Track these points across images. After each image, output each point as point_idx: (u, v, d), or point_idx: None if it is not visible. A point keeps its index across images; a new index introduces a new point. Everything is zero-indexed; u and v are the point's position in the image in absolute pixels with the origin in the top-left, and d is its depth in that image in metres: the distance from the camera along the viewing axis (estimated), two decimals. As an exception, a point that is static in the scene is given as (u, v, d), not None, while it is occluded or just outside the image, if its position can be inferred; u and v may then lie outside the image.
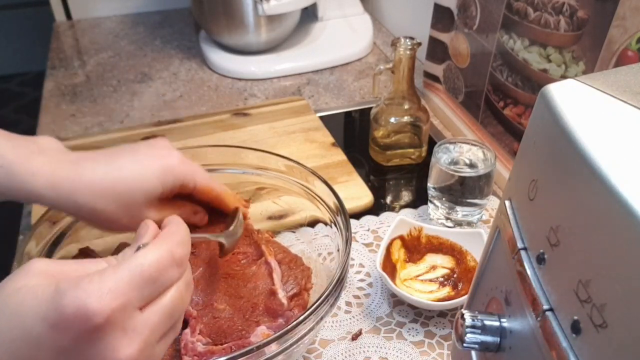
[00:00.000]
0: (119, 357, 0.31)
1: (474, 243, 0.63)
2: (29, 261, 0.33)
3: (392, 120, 0.79)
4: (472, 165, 0.69)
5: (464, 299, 0.56)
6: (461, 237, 0.64)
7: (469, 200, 0.68)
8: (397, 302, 0.62)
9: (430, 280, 0.62)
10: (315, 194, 0.62)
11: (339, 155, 0.83)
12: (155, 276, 0.33)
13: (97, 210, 0.45)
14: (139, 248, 0.35)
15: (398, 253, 0.64)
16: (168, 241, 0.36)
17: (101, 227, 0.49)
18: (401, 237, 0.64)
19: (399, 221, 0.64)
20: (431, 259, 0.64)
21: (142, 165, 0.47)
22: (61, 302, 0.29)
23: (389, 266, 0.62)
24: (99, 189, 0.45)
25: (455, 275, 0.63)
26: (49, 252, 0.56)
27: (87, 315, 0.29)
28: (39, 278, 0.31)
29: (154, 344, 0.33)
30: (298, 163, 0.63)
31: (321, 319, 0.48)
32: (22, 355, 0.29)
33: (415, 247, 0.65)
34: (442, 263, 0.64)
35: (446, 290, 0.61)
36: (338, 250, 0.57)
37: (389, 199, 0.78)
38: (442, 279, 0.62)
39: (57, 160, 0.45)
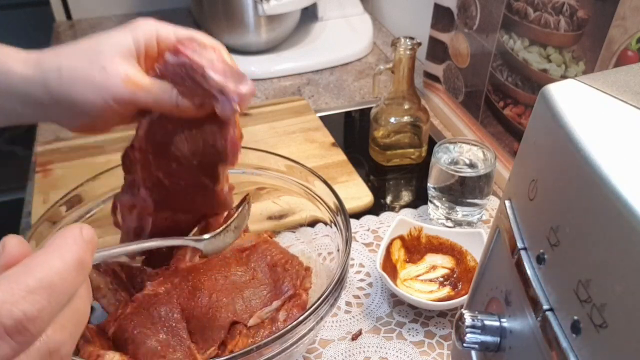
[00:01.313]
0: None
1: (474, 243, 0.63)
2: None
3: (392, 120, 0.79)
4: (472, 165, 0.69)
5: (464, 299, 0.56)
6: (461, 237, 0.64)
7: (469, 200, 0.68)
8: (397, 302, 0.62)
9: (430, 280, 0.62)
10: (315, 194, 0.62)
11: (339, 155, 0.83)
12: None
13: (69, 77, 0.42)
14: None
15: (398, 253, 0.64)
16: (5, 288, 0.24)
17: (78, 102, 0.43)
18: (401, 237, 0.64)
19: (399, 221, 0.64)
20: (431, 259, 0.64)
21: (112, 32, 0.44)
22: None
23: (389, 266, 0.62)
24: (67, 52, 0.43)
25: (455, 275, 0.63)
26: (49, 252, 0.56)
27: None
28: None
29: None
30: (298, 163, 0.63)
31: (321, 319, 0.48)
32: None
33: (415, 247, 0.65)
34: (442, 263, 0.64)
35: (446, 290, 0.61)
36: (338, 250, 0.57)
37: (389, 199, 0.78)
38: (442, 279, 0.62)
39: (28, 52, 0.44)
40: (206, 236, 0.50)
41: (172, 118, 0.47)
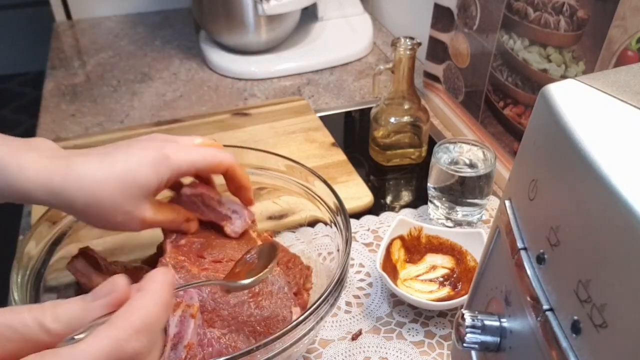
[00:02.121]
0: None
1: (474, 243, 0.63)
2: None
3: (392, 120, 0.79)
4: (472, 165, 0.69)
5: (464, 299, 0.56)
6: (461, 237, 0.64)
7: (469, 200, 0.68)
8: (397, 302, 0.62)
9: (430, 280, 0.62)
10: (315, 194, 0.62)
11: (339, 155, 0.83)
12: None
13: (89, 206, 0.43)
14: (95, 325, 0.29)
15: (398, 253, 0.64)
16: (120, 328, 0.28)
17: (96, 224, 0.47)
18: (401, 237, 0.64)
19: (398, 221, 0.64)
20: (431, 259, 0.64)
21: (135, 159, 0.46)
22: None
23: (389, 266, 0.62)
24: (90, 183, 0.43)
25: (455, 275, 0.63)
26: (49, 252, 0.56)
27: None
28: None
29: None
30: (298, 163, 0.63)
31: (321, 319, 0.48)
32: None
33: (415, 247, 0.65)
34: (442, 263, 0.64)
35: (446, 290, 0.61)
36: (338, 250, 0.57)
37: (389, 199, 0.78)
38: (442, 279, 0.62)
39: (48, 156, 0.44)
40: (246, 281, 0.49)
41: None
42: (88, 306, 0.30)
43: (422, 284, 0.62)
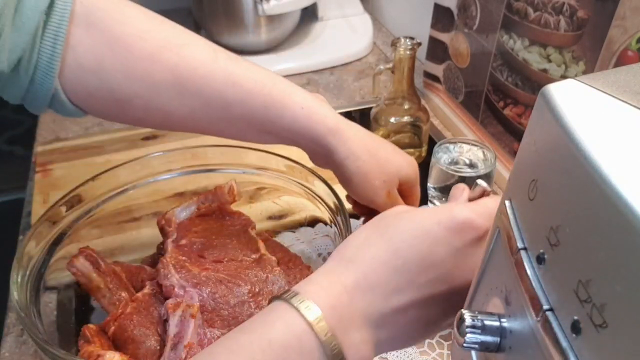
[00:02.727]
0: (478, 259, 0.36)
1: None
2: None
3: (392, 120, 0.79)
4: (472, 165, 0.69)
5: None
6: None
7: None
8: (397, 302, 0.62)
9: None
10: (315, 194, 0.62)
11: (339, 155, 0.82)
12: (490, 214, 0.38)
13: (364, 164, 0.52)
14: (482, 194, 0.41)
15: None
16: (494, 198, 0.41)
17: (357, 181, 0.54)
18: None
19: None
20: None
21: (396, 152, 0.56)
22: (453, 213, 0.37)
23: None
24: (366, 144, 0.53)
25: None
26: (49, 252, 0.56)
27: (475, 225, 0.37)
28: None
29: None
30: (298, 163, 0.63)
31: (321, 319, 0.48)
32: (423, 250, 0.36)
33: None
34: None
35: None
36: (338, 250, 0.57)
37: (389, 199, 0.78)
38: None
39: (336, 114, 0.53)
40: None
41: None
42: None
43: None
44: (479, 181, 0.43)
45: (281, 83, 0.51)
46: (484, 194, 0.41)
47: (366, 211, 0.60)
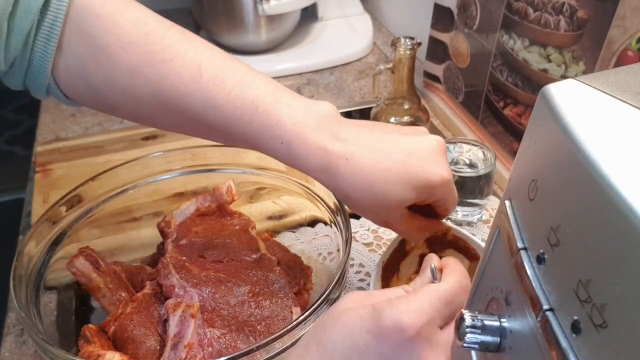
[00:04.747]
0: None
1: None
2: (348, 293, 0.41)
3: (392, 120, 0.79)
4: (472, 165, 0.69)
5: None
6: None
7: (469, 200, 0.68)
8: (397, 302, 0.62)
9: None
10: (315, 194, 0.62)
11: (339, 155, 0.82)
12: (450, 300, 0.39)
13: (360, 202, 0.47)
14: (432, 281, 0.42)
15: (414, 251, 0.61)
16: (455, 274, 0.41)
17: (364, 215, 0.50)
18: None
19: None
20: (451, 255, 0.61)
21: (403, 180, 0.46)
22: (380, 317, 0.36)
23: (397, 259, 0.59)
24: (361, 186, 0.46)
25: None
26: (49, 252, 0.56)
27: (401, 328, 0.36)
28: (356, 303, 0.39)
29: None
30: (298, 163, 0.62)
31: (321, 319, 0.48)
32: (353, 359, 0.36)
33: (440, 239, 0.61)
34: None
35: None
36: (338, 250, 0.57)
37: (389, 199, 0.78)
38: None
39: (335, 139, 0.46)
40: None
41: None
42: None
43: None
44: (432, 266, 0.43)
45: (264, 110, 0.45)
46: (433, 278, 0.42)
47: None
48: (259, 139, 0.46)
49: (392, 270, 0.60)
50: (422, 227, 0.51)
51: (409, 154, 0.47)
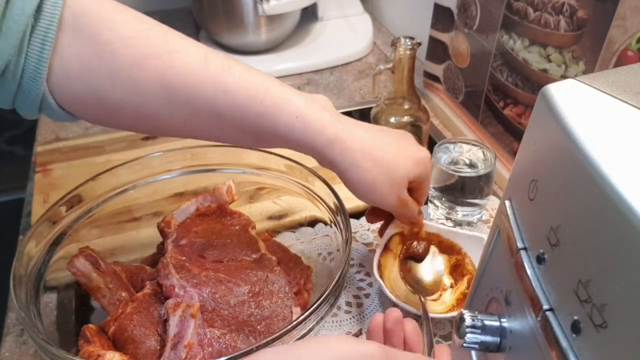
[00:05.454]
0: None
1: (475, 247, 0.61)
2: (371, 346, 0.34)
3: (392, 120, 0.79)
4: (472, 165, 0.69)
5: (454, 314, 0.56)
6: (462, 238, 0.63)
7: (469, 200, 0.68)
8: (397, 302, 0.62)
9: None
10: (315, 194, 0.62)
11: (339, 155, 0.82)
12: None
13: (367, 171, 0.51)
14: None
15: (396, 249, 0.63)
16: None
17: (364, 191, 0.53)
18: (401, 234, 0.64)
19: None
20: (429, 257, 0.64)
21: (405, 154, 0.53)
22: None
23: (388, 265, 0.62)
24: (369, 152, 0.51)
25: (451, 275, 0.62)
26: (49, 252, 0.56)
27: None
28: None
29: None
30: (298, 163, 0.63)
31: (321, 319, 0.48)
32: None
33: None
34: (440, 261, 0.63)
35: (439, 292, 0.61)
36: (338, 250, 0.57)
37: (389, 199, 0.78)
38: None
39: (337, 120, 0.50)
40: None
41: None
42: None
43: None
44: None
45: (275, 90, 0.48)
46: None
47: (380, 218, 0.61)
48: (274, 117, 0.48)
49: (382, 269, 0.61)
50: (413, 209, 0.57)
51: (400, 134, 0.55)
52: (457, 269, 0.62)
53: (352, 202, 0.74)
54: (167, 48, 0.46)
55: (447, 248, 0.63)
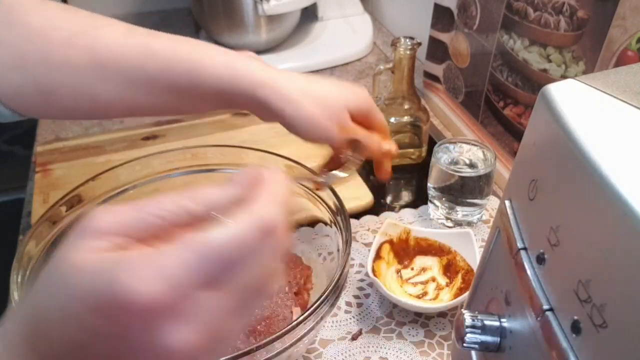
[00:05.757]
0: (173, 346, 0.25)
1: (463, 243, 0.62)
2: (93, 212, 0.28)
3: (392, 120, 0.79)
4: (472, 165, 0.69)
5: (456, 301, 0.57)
6: (450, 237, 0.64)
7: (469, 200, 0.68)
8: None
9: (422, 283, 0.63)
10: (315, 194, 0.62)
11: (339, 155, 0.83)
12: (228, 258, 0.26)
13: (303, 105, 0.50)
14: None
15: (388, 257, 0.64)
16: (254, 211, 0.29)
17: (305, 126, 0.52)
18: (390, 242, 0.64)
19: (387, 224, 0.64)
20: (420, 261, 0.64)
21: (338, 85, 0.54)
22: (106, 283, 0.25)
23: (382, 270, 0.62)
24: (303, 88, 0.51)
25: (445, 275, 0.63)
26: (49, 252, 0.56)
27: (131, 300, 0.24)
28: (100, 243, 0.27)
29: (223, 324, 0.27)
30: (298, 163, 0.63)
31: (321, 319, 0.48)
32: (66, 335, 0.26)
33: (404, 250, 0.65)
34: (431, 264, 0.64)
35: (435, 291, 0.61)
36: (338, 250, 0.57)
37: (389, 199, 0.78)
38: (432, 281, 0.62)
39: (267, 67, 0.51)
40: (339, 173, 0.56)
41: None
42: (223, 189, 0.30)
43: (415, 286, 0.62)
44: None
45: (203, 47, 0.50)
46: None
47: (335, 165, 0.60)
48: (203, 66, 0.49)
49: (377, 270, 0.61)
50: (364, 136, 0.55)
51: (334, 79, 0.57)
52: (449, 268, 0.63)
53: (352, 202, 0.74)
54: (94, 24, 0.49)
55: (437, 250, 0.64)
